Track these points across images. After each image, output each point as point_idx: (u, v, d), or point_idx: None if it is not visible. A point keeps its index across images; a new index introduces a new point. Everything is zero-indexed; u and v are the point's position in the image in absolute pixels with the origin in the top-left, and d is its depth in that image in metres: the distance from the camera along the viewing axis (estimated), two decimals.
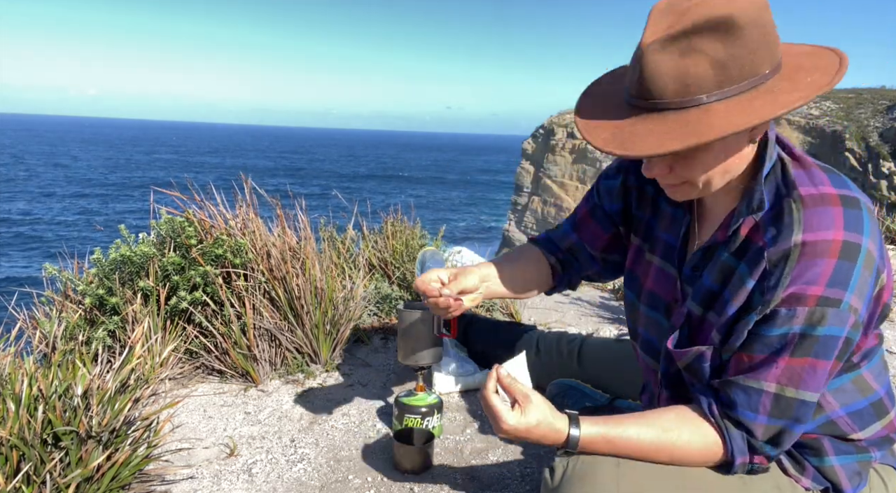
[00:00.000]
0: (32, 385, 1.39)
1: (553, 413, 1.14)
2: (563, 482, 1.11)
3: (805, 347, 1.00)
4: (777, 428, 1.06)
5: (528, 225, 37.83)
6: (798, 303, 0.99)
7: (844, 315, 0.99)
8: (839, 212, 1.00)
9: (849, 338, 1.02)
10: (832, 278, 0.98)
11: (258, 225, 2.39)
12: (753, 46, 0.92)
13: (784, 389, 1.03)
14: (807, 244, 0.99)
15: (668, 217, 1.29)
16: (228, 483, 1.60)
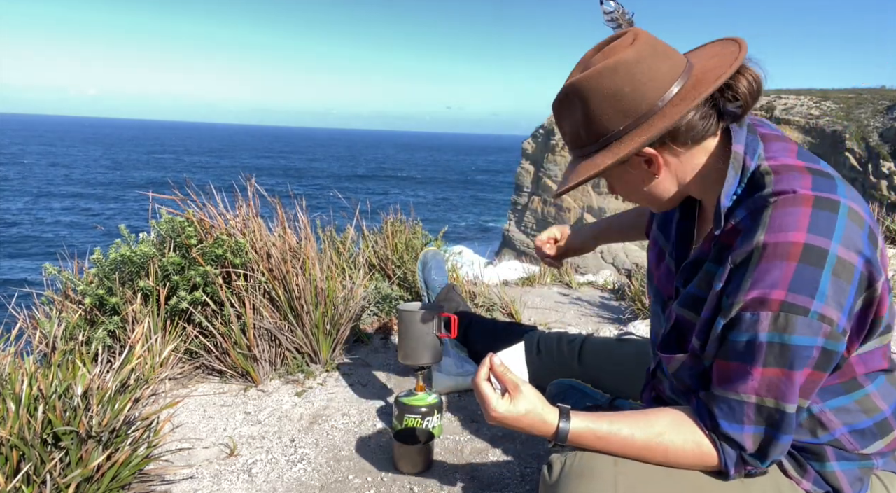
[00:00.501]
0: (32, 385, 1.39)
1: (544, 405, 1.15)
2: (560, 478, 1.11)
3: (776, 356, 0.99)
4: (763, 437, 1.05)
5: (528, 225, 37.82)
6: (761, 307, 0.98)
7: (815, 325, 0.96)
8: (807, 213, 0.98)
9: (826, 349, 0.99)
10: (794, 283, 0.96)
11: (258, 225, 2.39)
12: (597, 112, 1.08)
13: (764, 400, 1.02)
14: (767, 246, 0.98)
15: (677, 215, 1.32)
16: (228, 483, 1.60)
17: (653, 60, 1.06)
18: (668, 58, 1.08)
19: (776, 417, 1.03)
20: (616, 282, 3.80)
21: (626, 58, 1.06)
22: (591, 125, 1.09)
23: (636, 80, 1.05)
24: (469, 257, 3.22)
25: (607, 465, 1.09)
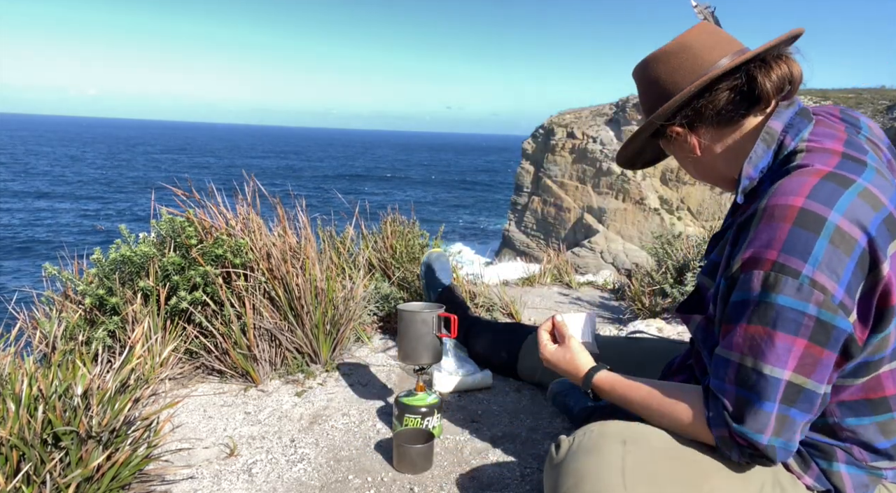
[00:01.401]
0: (32, 385, 1.38)
1: (585, 359, 1.38)
2: (568, 455, 1.13)
3: (761, 314, 0.99)
4: (741, 400, 1.03)
5: (528, 225, 37.83)
6: (754, 266, 1.00)
7: (805, 290, 0.96)
8: (812, 181, 1.00)
9: (821, 319, 0.97)
10: (787, 245, 0.97)
11: (258, 225, 2.39)
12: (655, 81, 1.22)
13: (744, 358, 1.02)
14: (767, 208, 1.01)
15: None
16: (228, 483, 1.60)
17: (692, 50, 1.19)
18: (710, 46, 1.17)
19: (753, 379, 1.01)
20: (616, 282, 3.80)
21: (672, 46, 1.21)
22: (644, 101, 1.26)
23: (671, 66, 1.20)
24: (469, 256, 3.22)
25: (615, 444, 1.11)
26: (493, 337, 2.22)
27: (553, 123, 38.00)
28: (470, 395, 2.09)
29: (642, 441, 1.12)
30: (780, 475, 1.15)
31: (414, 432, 1.70)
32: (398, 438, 1.65)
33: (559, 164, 36.82)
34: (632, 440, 1.11)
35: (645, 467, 1.08)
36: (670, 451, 1.12)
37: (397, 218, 3.12)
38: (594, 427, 1.16)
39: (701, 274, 1.25)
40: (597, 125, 35.59)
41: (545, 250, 4.30)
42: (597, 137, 35.28)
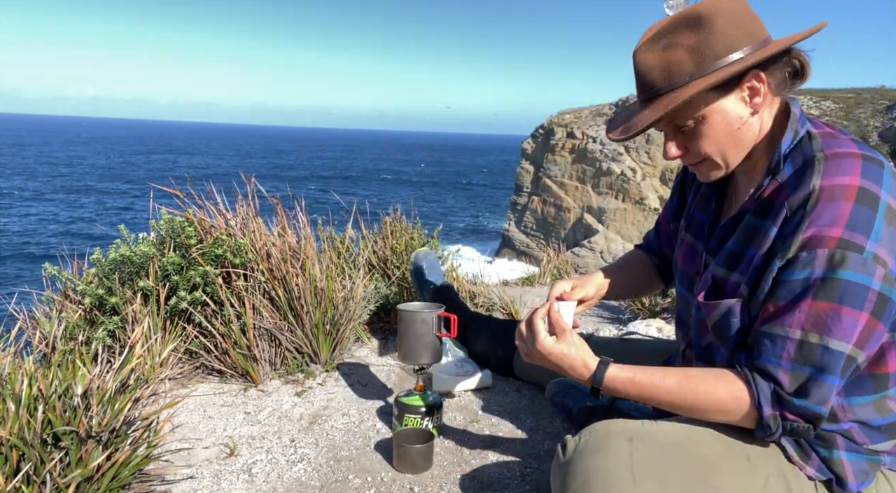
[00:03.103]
0: (32, 385, 1.38)
1: (588, 352, 1.23)
2: (575, 454, 1.13)
3: (827, 290, 1.01)
4: (803, 376, 1.04)
5: (528, 225, 37.82)
6: (818, 245, 1.01)
7: (870, 264, 0.99)
8: (858, 163, 1.04)
9: (883, 294, 1.00)
10: (851, 221, 1.00)
11: (258, 225, 2.39)
12: (723, 29, 1.08)
13: (808, 334, 1.02)
14: (824, 189, 1.02)
15: (704, 196, 1.38)
16: (228, 483, 1.60)
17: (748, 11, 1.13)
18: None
19: (818, 354, 1.02)
20: None
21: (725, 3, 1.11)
22: (705, 49, 1.08)
23: (751, 11, 1.12)
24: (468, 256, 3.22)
25: (622, 442, 1.11)
26: (490, 335, 2.22)
27: (553, 122, 38.01)
28: (470, 395, 2.09)
29: (649, 438, 1.12)
30: (784, 466, 1.17)
31: (414, 432, 1.70)
32: (398, 438, 1.65)
33: (559, 164, 36.82)
34: (638, 437, 1.12)
35: (653, 462, 1.08)
36: (677, 446, 1.12)
37: (398, 218, 3.12)
38: (599, 426, 1.16)
39: (715, 265, 1.22)
40: (597, 125, 35.60)
41: (545, 249, 4.30)
42: (597, 136, 35.28)
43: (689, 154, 1.19)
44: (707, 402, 1.11)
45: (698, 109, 1.12)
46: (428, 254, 2.62)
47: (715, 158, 1.17)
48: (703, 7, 1.10)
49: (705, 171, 1.22)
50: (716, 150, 1.16)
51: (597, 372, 1.20)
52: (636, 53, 1.14)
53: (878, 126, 27.16)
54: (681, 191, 1.53)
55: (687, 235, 1.41)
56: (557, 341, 1.25)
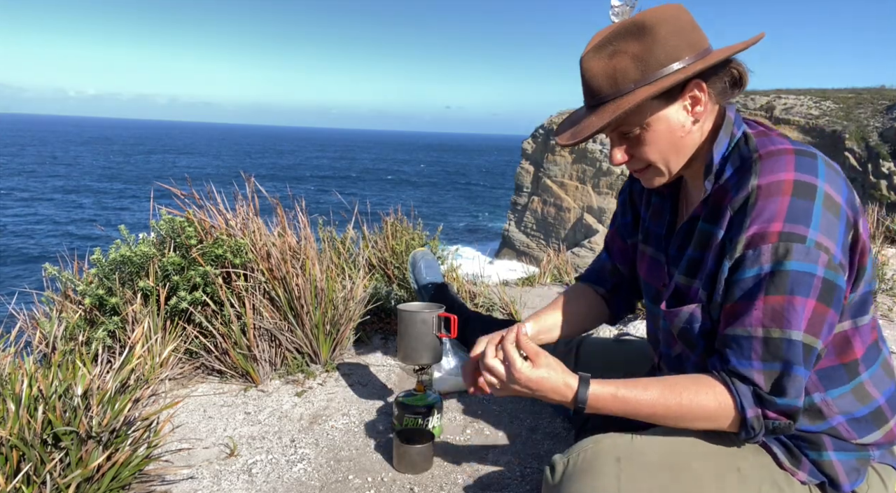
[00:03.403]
0: (32, 385, 1.38)
1: (565, 371, 1.18)
2: (564, 478, 1.12)
3: (777, 283, 1.04)
4: (775, 373, 1.06)
5: (528, 225, 37.82)
6: (762, 241, 1.04)
7: (813, 252, 1.02)
8: (791, 158, 1.09)
9: (828, 279, 1.03)
10: (789, 214, 1.03)
11: (258, 225, 2.39)
12: (666, 39, 1.10)
13: (770, 331, 1.05)
14: (762, 187, 1.07)
15: (656, 208, 1.39)
16: (228, 483, 1.60)
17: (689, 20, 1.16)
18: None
19: (783, 348, 1.04)
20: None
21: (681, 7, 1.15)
22: (649, 57, 1.11)
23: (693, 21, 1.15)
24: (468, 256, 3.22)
25: (610, 463, 1.10)
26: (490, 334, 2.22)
27: (553, 123, 37.99)
28: (470, 395, 2.09)
29: (637, 457, 1.12)
30: (776, 475, 1.17)
31: (414, 431, 1.70)
32: (398, 438, 1.65)
33: (559, 164, 36.81)
34: (626, 457, 1.11)
35: (641, 485, 1.08)
36: (665, 462, 1.12)
37: (398, 218, 3.12)
38: (588, 446, 1.15)
39: (678, 274, 1.24)
40: None
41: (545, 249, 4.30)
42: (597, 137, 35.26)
43: (633, 160, 1.21)
44: (692, 410, 1.11)
45: (643, 116, 1.14)
46: (426, 254, 2.62)
47: (658, 164, 1.20)
48: (647, 16, 1.13)
49: (649, 177, 1.24)
50: (659, 157, 1.19)
51: (579, 391, 1.15)
52: (583, 60, 1.16)
53: (878, 126, 27.14)
54: (632, 207, 1.52)
55: (648, 248, 1.41)
56: (534, 366, 1.18)
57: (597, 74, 1.14)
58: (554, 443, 1.79)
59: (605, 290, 1.61)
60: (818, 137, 27.88)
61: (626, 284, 1.60)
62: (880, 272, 3.18)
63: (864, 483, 1.20)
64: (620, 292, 1.61)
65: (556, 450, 1.64)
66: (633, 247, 1.52)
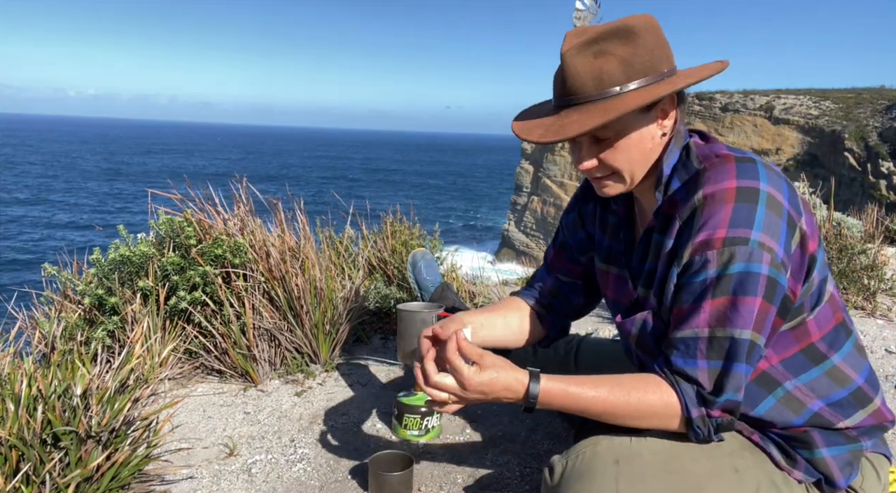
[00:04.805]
0: (32, 385, 1.38)
1: (513, 367, 1.16)
2: (562, 481, 1.13)
3: (722, 286, 1.06)
4: (717, 371, 1.08)
5: (528, 225, 37.84)
6: (707, 248, 1.07)
7: (756, 252, 1.05)
8: (732, 166, 1.12)
9: (771, 277, 1.05)
10: (733, 220, 1.06)
11: (257, 225, 2.39)
12: (650, 47, 1.12)
13: (714, 330, 1.07)
14: (707, 197, 1.10)
15: (614, 227, 1.39)
16: (228, 483, 1.60)
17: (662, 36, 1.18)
18: None
19: (727, 346, 1.07)
20: None
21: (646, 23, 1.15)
22: (635, 62, 1.11)
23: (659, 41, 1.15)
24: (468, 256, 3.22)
25: (608, 465, 1.10)
26: None
27: None
28: None
29: (635, 458, 1.12)
30: (773, 473, 1.18)
31: (391, 457, 1.57)
32: (375, 466, 1.53)
33: (559, 163, 36.84)
34: (624, 459, 1.12)
35: (639, 486, 1.08)
36: (663, 464, 1.12)
37: (398, 217, 3.12)
38: (586, 448, 1.16)
39: (640, 286, 1.26)
40: None
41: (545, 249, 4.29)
42: None
43: (601, 166, 1.19)
44: (639, 408, 1.11)
45: (622, 123, 1.14)
46: (426, 254, 2.62)
47: (624, 172, 1.19)
48: (634, 22, 1.13)
49: (610, 185, 1.22)
50: (627, 165, 1.18)
51: (530, 386, 1.13)
52: (565, 57, 1.13)
53: (878, 126, 27.16)
54: (583, 226, 1.51)
55: (611, 267, 1.41)
56: (481, 369, 1.14)
57: (580, 73, 1.12)
58: (553, 443, 1.79)
59: (541, 307, 1.58)
60: (818, 136, 27.90)
61: (562, 305, 1.58)
62: (880, 272, 3.18)
63: (859, 476, 1.22)
64: (553, 312, 1.58)
65: (556, 450, 1.64)
66: (584, 266, 1.52)
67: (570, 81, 1.13)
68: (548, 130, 1.15)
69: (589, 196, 1.47)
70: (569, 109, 1.14)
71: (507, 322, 1.53)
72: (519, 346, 1.57)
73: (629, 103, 1.09)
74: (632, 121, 1.14)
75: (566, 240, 1.55)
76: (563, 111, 1.15)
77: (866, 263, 3.18)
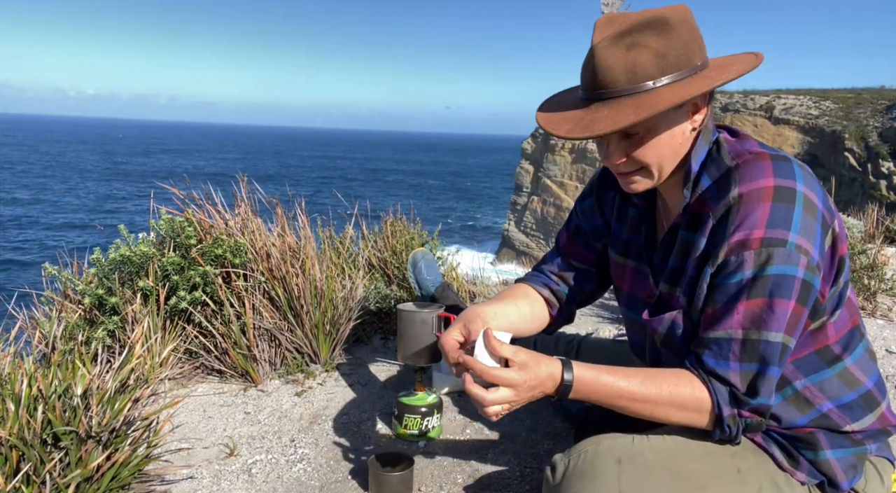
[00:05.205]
0: (32, 385, 1.38)
1: (543, 356, 1.13)
2: (564, 479, 1.12)
3: (758, 288, 1.05)
4: (751, 374, 1.08)
5: (528, 225, 37.82)
6: (744, 248, 1.06)
7: (793, 255, 1.04)
8: (769, 164, 1.10)
9: (806, 280, 1.05)
10: (771, 220, 1.05)
11: (257, 225, 2.39)
12: (685, 40, 1.09)
13: (748, 332, 1.06)
14: (743, 195, 1.08)
15: (634, 221, 1.37)
16: (228, 483, 1.60)
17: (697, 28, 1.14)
18: None
19: (761, 349, 1.06)
20: None
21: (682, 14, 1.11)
22: (669, 55, 1.07)
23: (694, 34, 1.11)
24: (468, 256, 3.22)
25: (611, 465, 1.10)
26: None
27: None
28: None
29: (637, 458, 1.12)
30: (776, 474, 1.18)
31: (391, 456, 1.56)
32: (375, 464, 1.52)
33: (559, 163, 36.83)
34: (627, 458, 1.11)
35: (641, 486, 1.08)
36: (666, 463, 1.12)
37: (398, 217, 3.12)
38: (589, 447, 1.15)
39: (663, 282, 1.24)
40: None
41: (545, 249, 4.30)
42: None
43: (629, 161, 1.16)
44: (670, 401, 1.10)
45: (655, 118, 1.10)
46: (426, 254, 2.62)
47: (653, 168, 1.16)
48: (669, 13, 1.08)
49: (637, 181, 1.19)
50: (656, 160, 1.15)
51: (563, 374, 1.11)
52: (597, 49, 1.08)
53: (878, 126, 27.15)
54: (600, 213, 1.48)
55: (629, 260, 1.39)
56: (519, 369, 1.10)
57: (612, 66, 1.07)
58: (554, 443, 1.79)
59: (550, 293, 1.54)
60: (818, 137, 27.88)
61: (572, 290, 1.54)
62: (880, 272, 3.19)
63: (863, 479, 1.21)
64: (562, 298, 1.54)
65: (556, 450, 1.64)
66: (599, 253, 1.50)
67: (601, 74, 1.09)
68: (576, 125, 1.10)
69: (609, 184, 1.44)
70: (599, 103, 1.10)
71: (520, 311, 1.48)
72: (530, 334, 1.53)
73: (664, 101, 1.05)
74: (663, 116, 1.11)
75: (581, 225, 1.52)
76: (592, 105, 1.11)
77: (866, 263, 3.19)
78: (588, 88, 1.12)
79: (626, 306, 1.42)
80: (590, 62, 1.10)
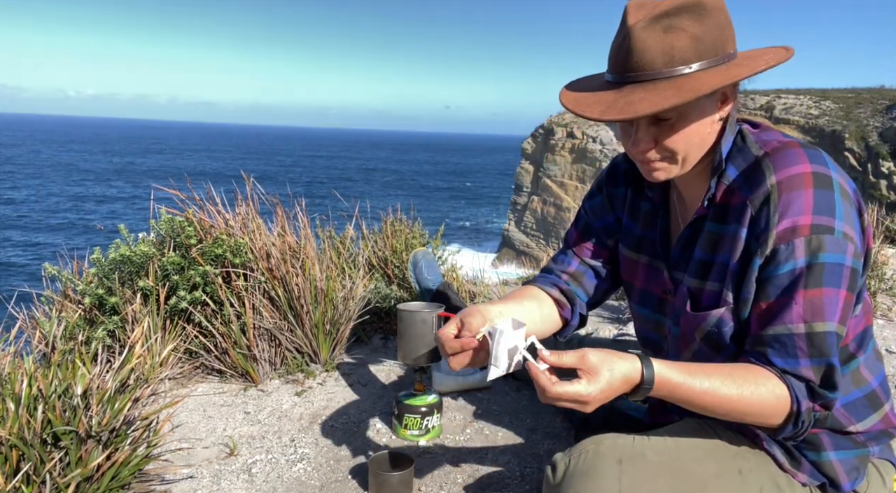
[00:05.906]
0: (32, 385, 1.38)
1: (619, 355, 1.05)
2: (565, 479, 1.12)
3: (815, 277, 1.03)
4: (822, 368, 1.05)
5: (528, 225, 37.81)
6: (793, 235, 1.04)
7: (842, 243, 1.03)
8: (801, 151, 1.09)
9: (854, 268, 1.04)
10: (816, 206, 1.04)
11: (258, 225, 2.39)
12: (721, 26, 1.07)
13: (812, 325, 1.03)
14: (782, 182, 1.06)
15: (648, 215, 1.35)
16: (228, 483, 1.60)
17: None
18: None
19: (827, 342, 1.04)
20: None
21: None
22: (706, 40, 1.05)
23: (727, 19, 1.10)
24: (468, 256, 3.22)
25: (611, 465, 1.10)
26: None
27: (553, 122, 37.99)
28: (470, 395, 2.09)
29: (638, 458, 1.11)
30: (777, 476, 1.17)
31: (391, 456, 1.57)
32: (375, 465, 1.53)
33: (559, 163, 36.82)
34: (627, 458, 1.11)
35: (642, 486, 1.07)
36: (667, 464, 1.11)
37: (399, 217, 3.11)
38: (589, 447, 1.14)
39: (688, 277, 1.21)
40: (596, 125, 35.60)
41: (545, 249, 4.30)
42: (596, 136, 35.29)
43: (658, 148, 1.13)
44: (751, 403, 1.04)
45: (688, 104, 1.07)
46: (427, 254, 2.62)
47: (680, 155, 1.13)
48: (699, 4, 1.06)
49: (662, 167, 1.16)
50: (685, 148, 1.12)
51: (644, 372, 1.03)
52: (634, 30, 1.05)
53: (878, 126, 27.15)
54: (612, 209, 1.45)
55: (642, 256, 1.36)
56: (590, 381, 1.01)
57: (649, 47, 1.04)
58: (554, 443, 1.79)
59: (561, 294, 1.46)
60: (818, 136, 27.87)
61: (584, 291, 1.48)
62: (880, 272, 3.19)
63: (864, 481, 1.21)
64: (576, 298, 1.47)
65: (556, 450, 1.63)
66: (611, 250, 1.46)
67: (636, 56, 1.05)
68: (610, 106, 1.07)
69: (619, 180, 1.41)
70: (633, 86, 1.07)
71: (526, 311, 1.37)
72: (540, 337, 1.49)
73: (705, 85, 1.02)
74: (696, 103, 1.08)
75: (591, 223, 1.48)
76: (625, 87, 1.07)
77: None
78: (620, 71, 1.08)
79: (638, 303, 1.39)
80: (624, 43, 1.07)
